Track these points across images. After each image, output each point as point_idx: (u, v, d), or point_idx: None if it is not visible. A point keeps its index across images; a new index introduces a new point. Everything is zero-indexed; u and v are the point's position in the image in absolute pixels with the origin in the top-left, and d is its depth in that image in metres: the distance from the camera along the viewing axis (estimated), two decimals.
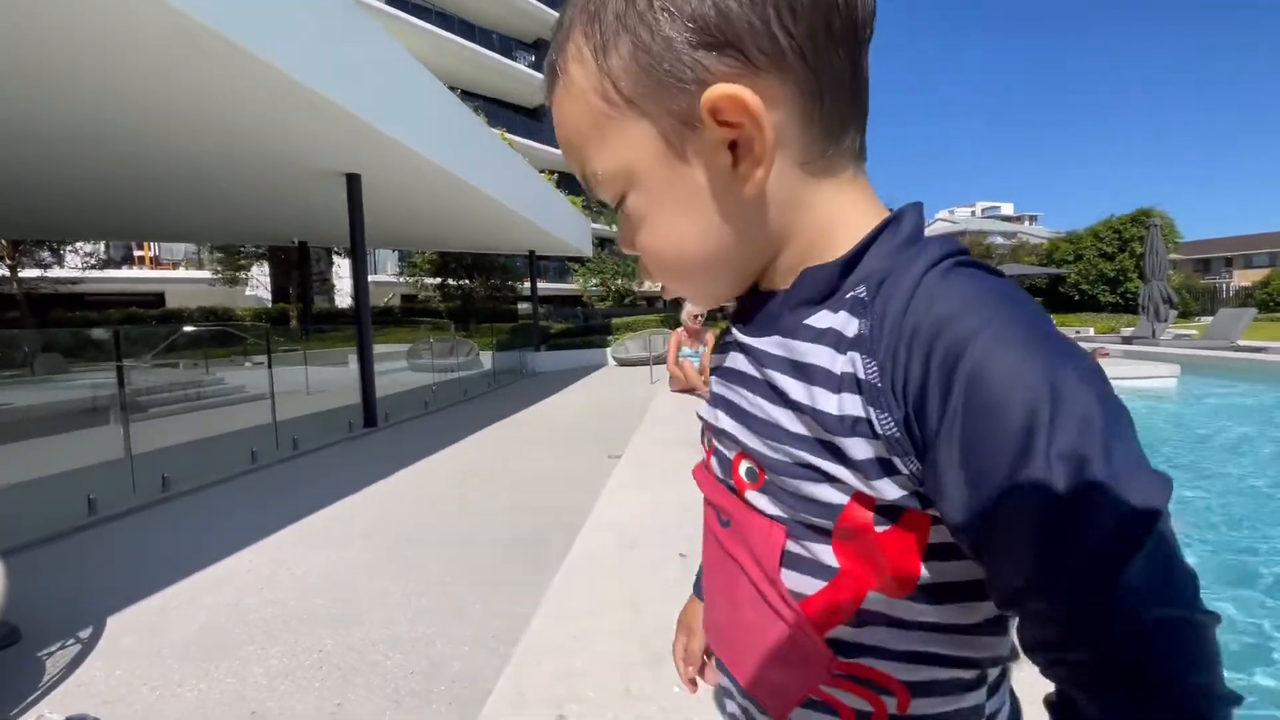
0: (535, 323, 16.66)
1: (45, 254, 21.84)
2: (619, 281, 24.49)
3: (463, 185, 8.41)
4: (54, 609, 2.78)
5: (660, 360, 12.97)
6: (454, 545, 3.39)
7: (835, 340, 0.41)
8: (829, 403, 0.41)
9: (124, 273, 28.70)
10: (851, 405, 0.40)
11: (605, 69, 0.41)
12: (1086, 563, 0.33)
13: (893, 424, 0.38)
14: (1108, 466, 0.33)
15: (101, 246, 25.06)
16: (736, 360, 0.50)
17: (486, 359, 14.18)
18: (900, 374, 0.37)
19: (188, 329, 12.96)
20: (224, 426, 7.41)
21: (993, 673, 0.46)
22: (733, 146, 0.40)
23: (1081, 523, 0.33)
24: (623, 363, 14.80)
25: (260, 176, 7.69)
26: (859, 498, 0.41)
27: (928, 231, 0.44)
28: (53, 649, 2.42)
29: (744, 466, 0.48)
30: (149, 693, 2.12)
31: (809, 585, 0.44)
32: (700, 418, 0.55)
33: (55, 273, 22.32)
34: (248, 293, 27.52)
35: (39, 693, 2.13)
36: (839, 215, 0.44)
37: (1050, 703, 0.38)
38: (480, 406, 9.18)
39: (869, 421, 0.39)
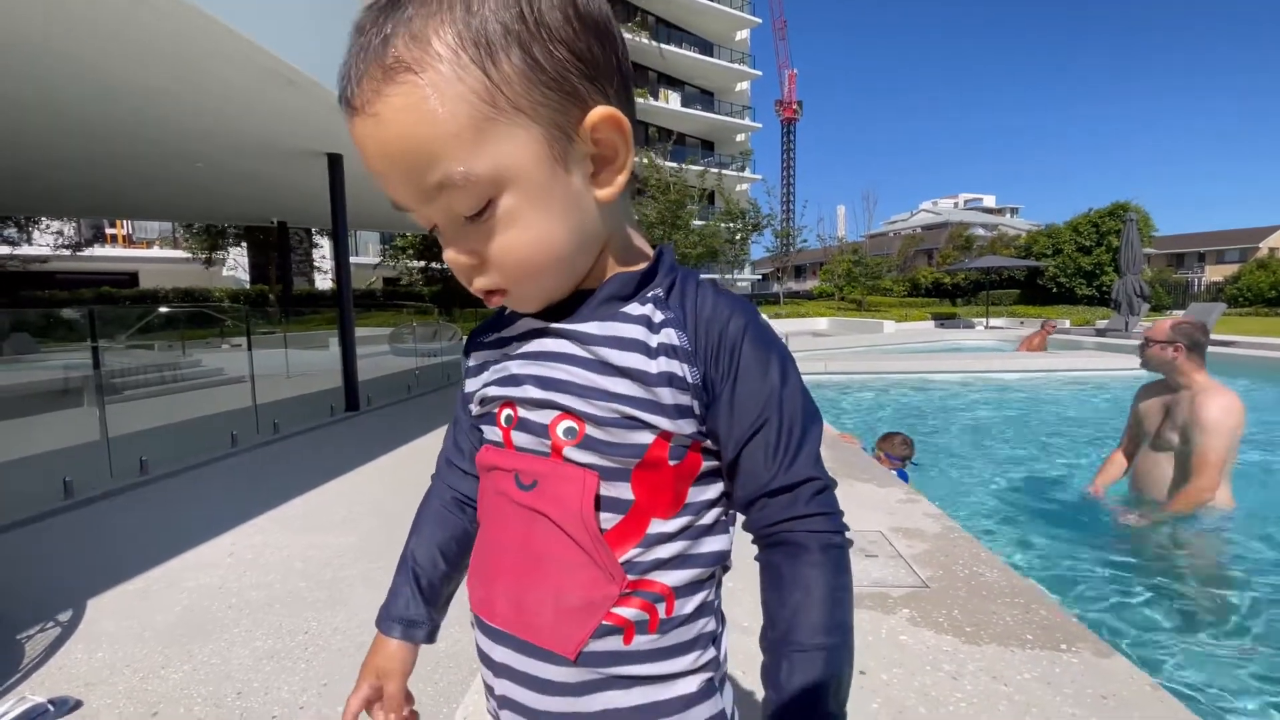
0: None
1: (12, 231, 21.21)
2: None
3: None
4: (31, 592, 2.76)
5: None
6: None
7: (647, 323, 0.57)
8: (648, 365, 0.55)
9: (95, 251, 27.96)
10: (668, 364, 0.55)
11: (493, 74, 0.45)
12: (806, 453, 0.57)
13: (697, 376, 0.56)
14: (805, 404, 0.58)
15: (71, 225, 24.39)
16: (543, 344, 0.59)
17: None
18: (702, 343, 0.56)
19: (163, 310, 12.69)
20: (202, 409, 7.31)
21: (718, 572, 0.62)
22: (593, 158, 0.51)
23: (800, 431, 0.57)
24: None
25: (238, 155, 7.54)
26: (662, 436, 0.56)
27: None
28: (31, 632, 2.41)
29: (563, 426, 0.57)
30: (131, 674, 2.12)
31: (610, 520, 0.57)
32: (491, 398, 0.62)
33: (24, 250, 21.69)
34: (225, 273, 26.98)
35: (19, 675, 2.13)
36: (636, 239, 0.62)
37: (767, 548, 0.58)
38: None
39: (682, 376, 0.56)
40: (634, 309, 0.57)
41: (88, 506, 4.02)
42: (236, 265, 26.26)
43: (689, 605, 0.58)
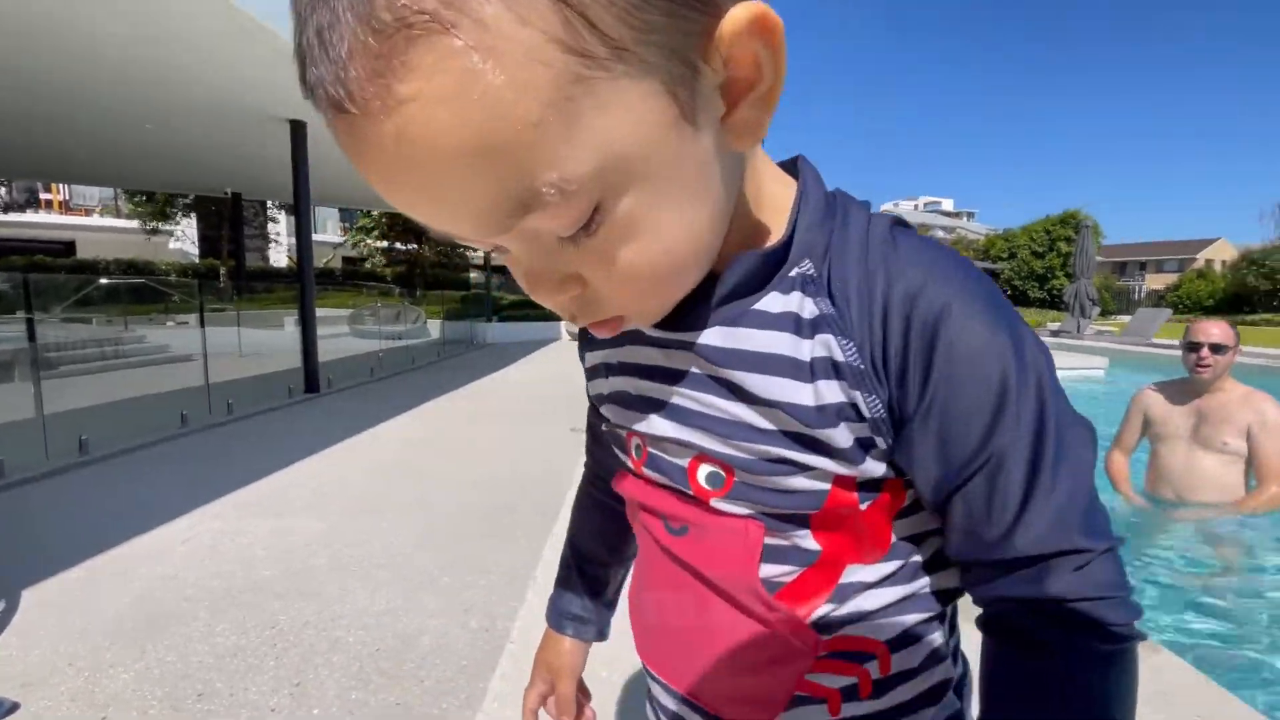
0: (488, 292, 16.24)
1: None
2: None
3: None
4: None
5: None
6: (413, 515, 3.22)
7: (795, 324, 0.39)
8: (802, 394, 0.38)
9: (29, 217, 26.25)
10: (831, 392, 0.38)
11: (577, 4, 0.25)
12: (1062, 506, 0.37)
13: (880, 405, 0.38)
14: (1060, 427, 0.37)
15: (2, 189, 22.80)
16: (656, 357, 0.43)
17: (434, 328, 13.72)
18: (880, 351, 0.37)
19: (104, 281, 11.96)
20: (148, 387, 6.88)
21: (948, 610, 0.47)
22: (722, 88, 0.31)
23: (1049, 472, 0.36)
24: (575, 337, 14.60)
25: (192, 116, 7.08)
26: (841, 481, 0.40)
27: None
28: None
29: (704, 472, 0.43)
30: (75, 674, 1.91)
31: (788, 573, 0.43)
32: (614, 425, 0.49)
33: None
34: (171, 245, 25.69)
35: None
36: (765, 175, 0.41)
37: (991, 629, 0.41)
38: (429, 376, 8.87)
39: (854, 405, 0.38)
40: (772, 303, 0.39)
41: (21, 488, 3.68)
42: (184, 237, 24.99)
43: (914, 658, 0.44)
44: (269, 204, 23.21)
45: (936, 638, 0.45)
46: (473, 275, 24.99)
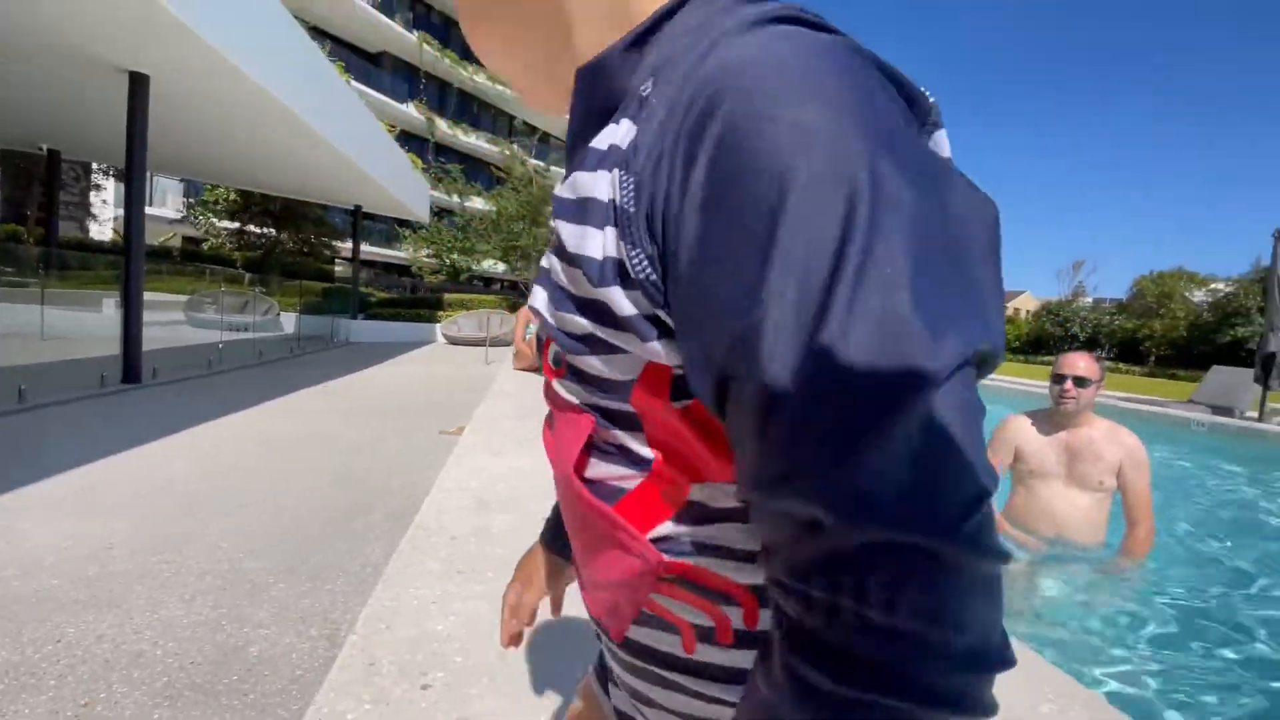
0: (355, 287, 15.16)
1: None
2: (455, 256, 22.91)
3: (283, 111, 7.28)
4: None
5: (498, 342, 12.57)
6: (244, 519, 2.91)
7: (613, 160, 0.30)
8: (594, 245, 0.30)
9: None
10: (611, 243, 0.29)
11: None
12: (793, 455, 0.24)
13: (644, 261, 0.28)
14: (887, 299, 0.23)
15: None
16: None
17: (289, 321, 12.60)
18: (656, 182, 0.27)
19: None
20: None
21: None
22: None
23: (804, 386, 0.23)
24: (453, 341, 14.05)
25: (5, 54, 6.02)
26: (650, 370, 0.32)
27: None
28: None
29: (552, 350, 0.38)
30: None
31: (624, 478, 0.36)
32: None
33: None
34: None
35: None
36: None
37: (775, 619, 0.29)
38: (279, 372, 8.12)
39: (622, 262, 0.29)
40: (604, 135, 0.32)
41: None
42: None
43: None
44: (93, 167, 20.23)
45: None
46: (338, 268, 23.26)
